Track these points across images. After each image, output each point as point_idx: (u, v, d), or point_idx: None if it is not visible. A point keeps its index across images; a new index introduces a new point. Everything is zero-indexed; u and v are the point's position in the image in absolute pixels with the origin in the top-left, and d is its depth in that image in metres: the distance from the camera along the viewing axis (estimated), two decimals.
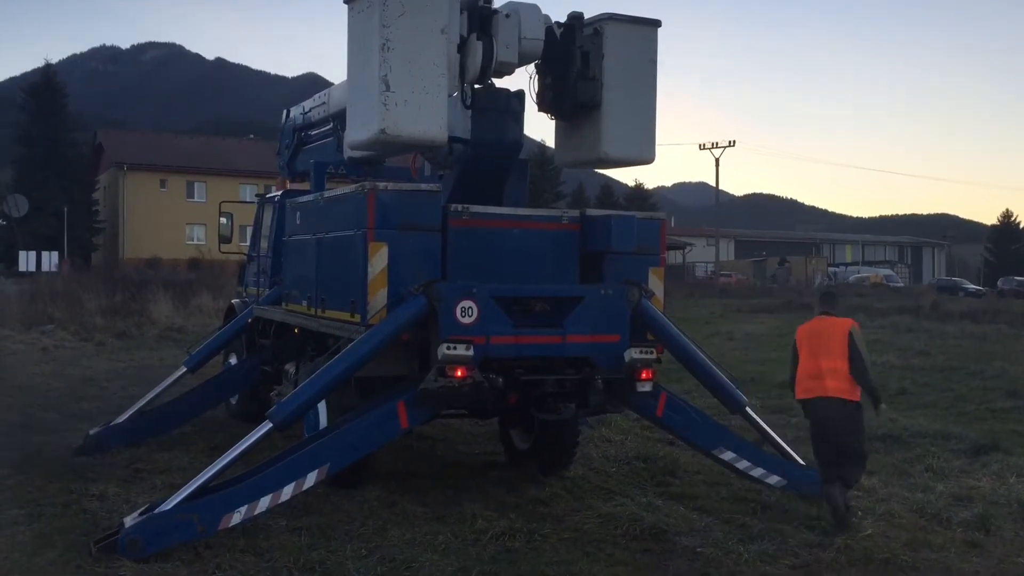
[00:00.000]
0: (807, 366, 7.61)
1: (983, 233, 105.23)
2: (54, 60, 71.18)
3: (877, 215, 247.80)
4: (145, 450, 9.56)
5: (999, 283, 64.81)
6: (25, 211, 45.11)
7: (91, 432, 9.69)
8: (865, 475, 9.06)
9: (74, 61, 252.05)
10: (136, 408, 10.16)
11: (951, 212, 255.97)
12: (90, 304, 25.63)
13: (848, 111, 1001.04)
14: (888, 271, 77.72)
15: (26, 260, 46.44)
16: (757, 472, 8.26)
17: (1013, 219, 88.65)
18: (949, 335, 25.36)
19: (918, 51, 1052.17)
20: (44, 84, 62.58)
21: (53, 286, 30.21)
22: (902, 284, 71.53)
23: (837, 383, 7.42)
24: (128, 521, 6.45)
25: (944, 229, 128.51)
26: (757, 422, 8.64)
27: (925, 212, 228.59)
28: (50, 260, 48.49)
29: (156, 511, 6.45)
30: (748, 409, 8.54)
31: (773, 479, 8.26)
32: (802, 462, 8.56)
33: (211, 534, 6.48)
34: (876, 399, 7.60)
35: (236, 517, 6.57)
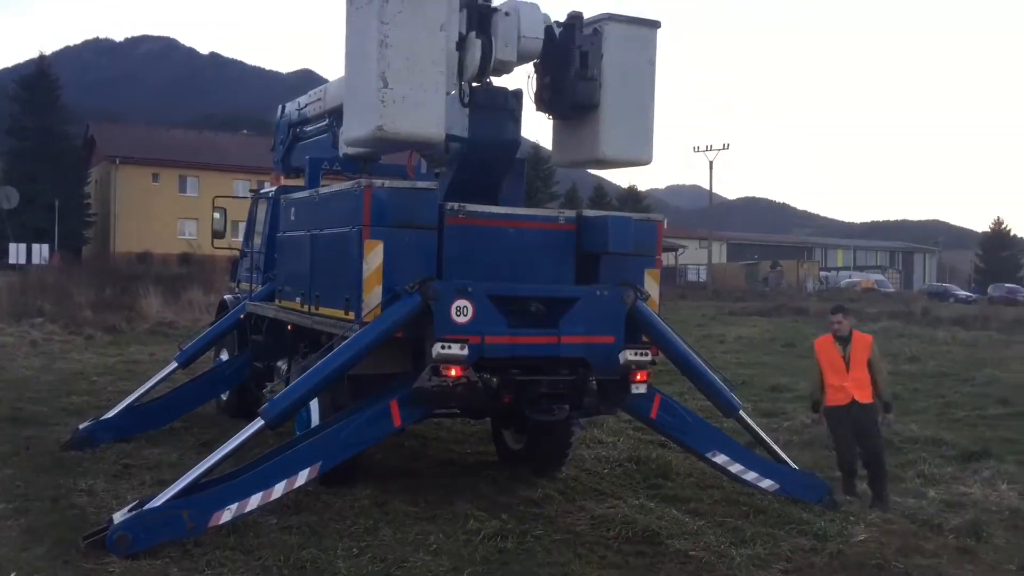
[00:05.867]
0: None
1: (974, 239, 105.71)
2: (47, 52, 70.65)
3: (869, 220, 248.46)
4: (135, 445, 9.50)
5: (990, 290, 65.04)
6: (16, 203, 44.87)
7: (80, 427, 9.63)
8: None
9: (67, 53, 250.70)
10: (126, 403, 10.09)
11: (942, 218, 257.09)
12: (80, 298, 25.51)
13: (842, 116, 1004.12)
14: (879, 276, 77.93)
15: (16, 252, 46.16)
16: (750, 476, 8.24)
17: (1004, 226, 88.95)
18: (939, 341, 25.47)
19: (912, 57, 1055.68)
20: (37, 76, 62.25)
21: (43, 279, 30.04)
22: (893, 289, 71.72)
23: None
24: (117, 517, 6.39)
25: (935, 235, 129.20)
26: (751, 426, 8.61)
27: (916, 218, 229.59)
28: (40, 253, 48.25)
29: (145, 507, 6.40)
30: (742, 412, 8.52)
31: (766, 483, 8.24)
32: (795, 466, 8.54)
33: (201, 531, 6.43)
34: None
35: (226, 514, 6.52)
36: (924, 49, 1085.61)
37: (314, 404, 7.96)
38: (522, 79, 8.22)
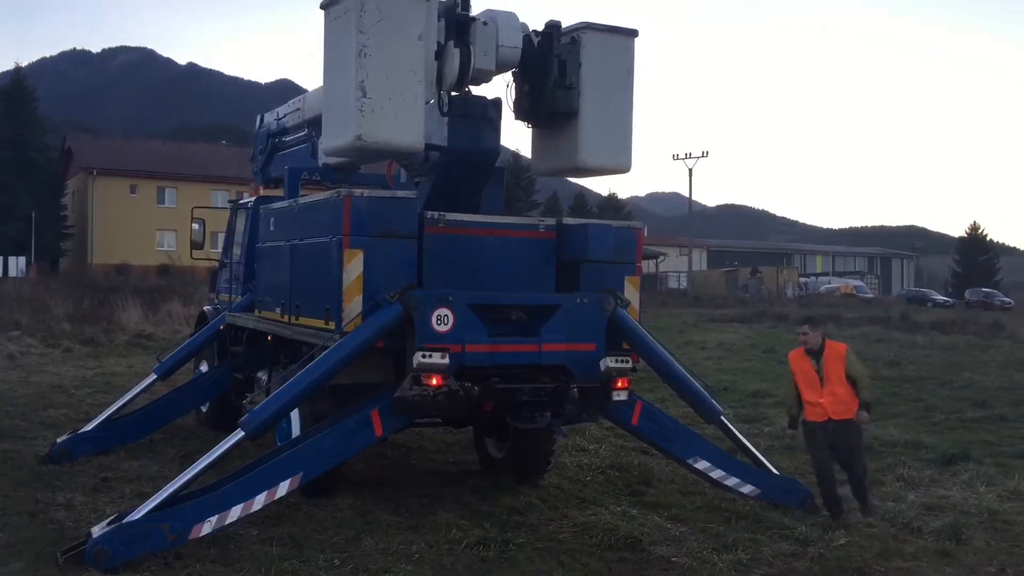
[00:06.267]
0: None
1: (951, 245, 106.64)
2: (23, 63, 70.29)
3: (847, 226, 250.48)
4: (114, 458, 9.42)
5: (967, 294, 65.67)
6: None
7: (58, 440, 9.53)
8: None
9: (44, 64, 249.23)
10: (105, 416, 10.01)
11: (919, 224, 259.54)
12: (57, 310, 25.32)
13: (820, 123, 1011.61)
14: (858, 282, 78.51)
15: None
16: (731, 481, 8.27)
17: (980, 231, 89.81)
18: (918, 345, 25.66)
19: (889, 64, 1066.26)
20: (13, 88, 61.84)
21: (20, 291, 29.80)
22: (871, 295, 72.27)
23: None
24: (96, 531, 6.33)
25: (913, 240, 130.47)
26: (732, 431, 8.65)
27: (894, 224, 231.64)
28: (17, 265, 47.90)
29: (125, 520, 6.34)
30: (723, 418, 8.55)
31: (747, 488, 8.27)
32: (776, 471, 8.58)
33: (181, 544, 6.38)
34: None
35: (207, 527, 6.47)
36: (901, 57, 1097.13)
37: (295, 415, 7.94)
38: (501, 88, 8.25)
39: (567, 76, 8.01)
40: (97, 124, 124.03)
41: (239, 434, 6.81)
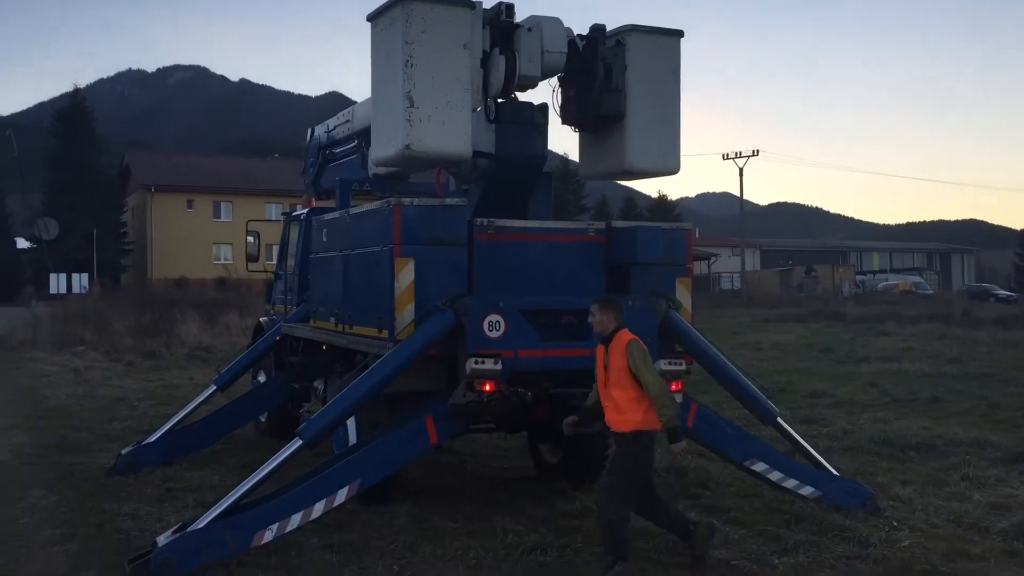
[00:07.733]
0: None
1: (1013, 238, 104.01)
2: (82, 85, 72.22)
3: (904, 222, 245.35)
4: (176, 469, 9.61)
5: None
6: (55, 234, 45.60)
7: (123, 452, 9.75)
8: (900, 485, 8.98)
9: (101, 85, 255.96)
10: (167, 427, 10.21)
11: (980, 217, 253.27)
12: (120, 325, 25.91)
13: (872, 118, 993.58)
14: (917, 278, 76.94)
15: (56, 283, 46.99)
16: (790, 483, 8.16)
17: None
18: (981, 342, 25.05)
19: (944, 57, 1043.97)
20: (72, 108, 63.62)
21: (83, 308, 30.54)
22: (931, 291, 70.76)
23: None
24: (161, 540, 6.46)
25: (973, 235, 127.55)
26: (789, 432, 8.53)
27: (953, 218, 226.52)
28: (80, 282, 49.08)
29: (189, 529, 6.46)
30: (780, 419, 8.44)
31: (807, 490, 8.15)
32: (835, 472, 8.45)
33: (243, 551, 6.48)
34: None
35: (268, 534, 6.57)
36: (955, 48, 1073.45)
37: (351, 423, 8.01)
38: (547, 93, 8.28)
39: (613, 79, 8.00)
40: (154, 142, 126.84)
41: (297, 443, 6.90)
